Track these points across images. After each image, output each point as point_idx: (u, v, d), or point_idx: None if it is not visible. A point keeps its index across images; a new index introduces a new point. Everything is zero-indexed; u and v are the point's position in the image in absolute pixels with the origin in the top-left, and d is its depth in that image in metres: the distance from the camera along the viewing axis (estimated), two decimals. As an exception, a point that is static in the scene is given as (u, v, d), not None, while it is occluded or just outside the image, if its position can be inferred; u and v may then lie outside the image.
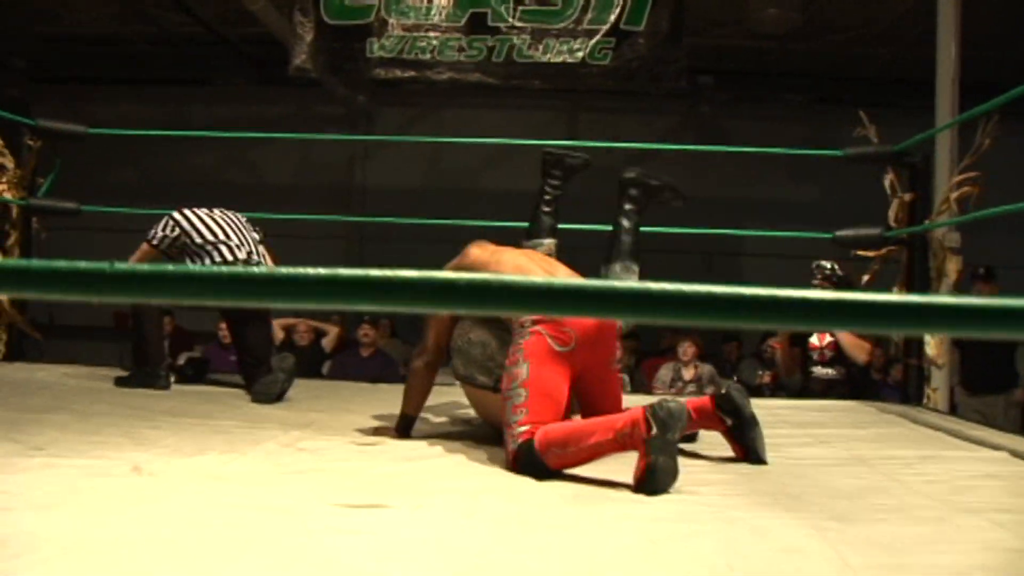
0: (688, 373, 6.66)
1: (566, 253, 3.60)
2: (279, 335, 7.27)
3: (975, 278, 5.37)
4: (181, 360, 6.65)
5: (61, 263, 0.73)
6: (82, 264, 0.72)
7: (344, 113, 10.45)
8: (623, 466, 2.61)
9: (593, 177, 3.80)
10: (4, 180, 4.97)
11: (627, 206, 3.26)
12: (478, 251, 3.21)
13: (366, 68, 6.25)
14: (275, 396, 3.94)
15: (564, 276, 3.10)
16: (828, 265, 4.82)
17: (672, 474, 2.48)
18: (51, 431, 2.94)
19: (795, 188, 10.07)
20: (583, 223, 5.85)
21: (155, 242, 4.33)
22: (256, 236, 4.55)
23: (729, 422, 3.02)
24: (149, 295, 0.78)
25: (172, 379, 4.28)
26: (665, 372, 6.70)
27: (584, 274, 3.16)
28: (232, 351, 6.26)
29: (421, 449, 3.01)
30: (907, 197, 4.54)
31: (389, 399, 4.20)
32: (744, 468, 2.91)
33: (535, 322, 2.84)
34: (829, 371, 4.85)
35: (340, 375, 6.56)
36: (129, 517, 1.97)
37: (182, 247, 4.32)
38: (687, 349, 6.60)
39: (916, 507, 2.36)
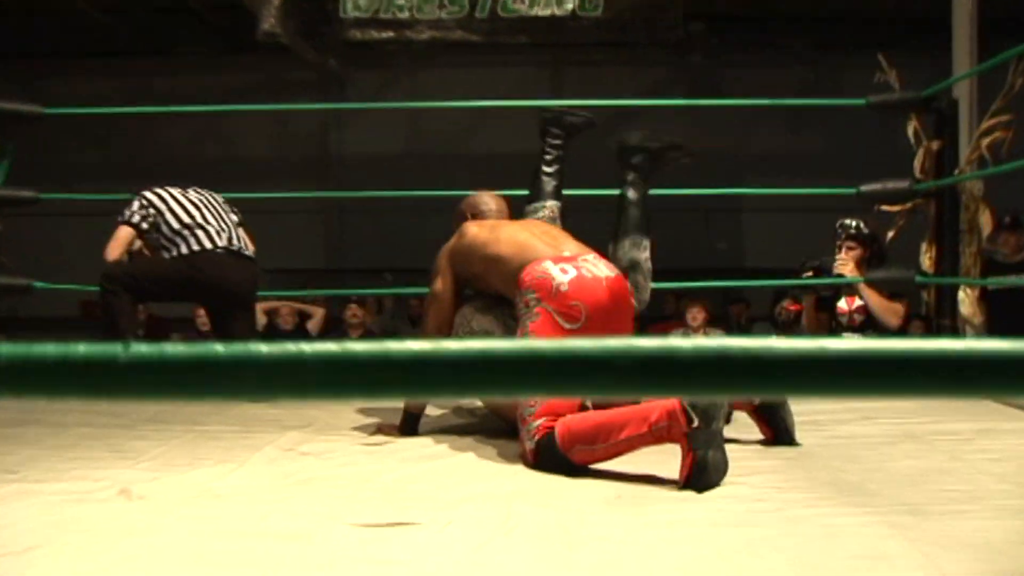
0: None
1: (570, 218, 3.43)
2: (261, 319, 7.07)
3: (1000, 228, 5.20)
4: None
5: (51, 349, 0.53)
6: (81, 349, 0.52)
7: (315, 79, 10.17)
8: (657, 456, 2.46)
9: (579, 135, 3.60)
10: (-48, 169, 4.72)
11: (630, 176, 3.10)
12: (475, 230, 3.02)
13: (340, 30, 6.03)
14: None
15: (570, 246, 2.92)
16: (853, 223, 4.63)
17: (723, 468, 2.33)
18: (24, 448, 2.75)
19: (795, 140, 9.89)
20: (573, 187, 5.66)
21: (134, 221, 4.10)
22: (235, 218, 4.34)
23: (757, 400, 2.86)
24: (190, 393, 0.59)
25: None
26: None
27: (588, 241, 2.99)
28: (209, 338, 6.09)
29: (431, 448, 2.85)
30: (935, 145, 4.37)
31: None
32: (787, 452, 2.76)
33: (540, 299, 2.69)
34: (860, 336, 4.67)
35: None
36: (121, 554, 1.79)
37: (156, 230, 4.10)
38: (696, 314, 6.45)
39: (993, 494, 2.21)
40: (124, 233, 4.12)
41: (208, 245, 4.06)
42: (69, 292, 6.19)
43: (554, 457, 2.50)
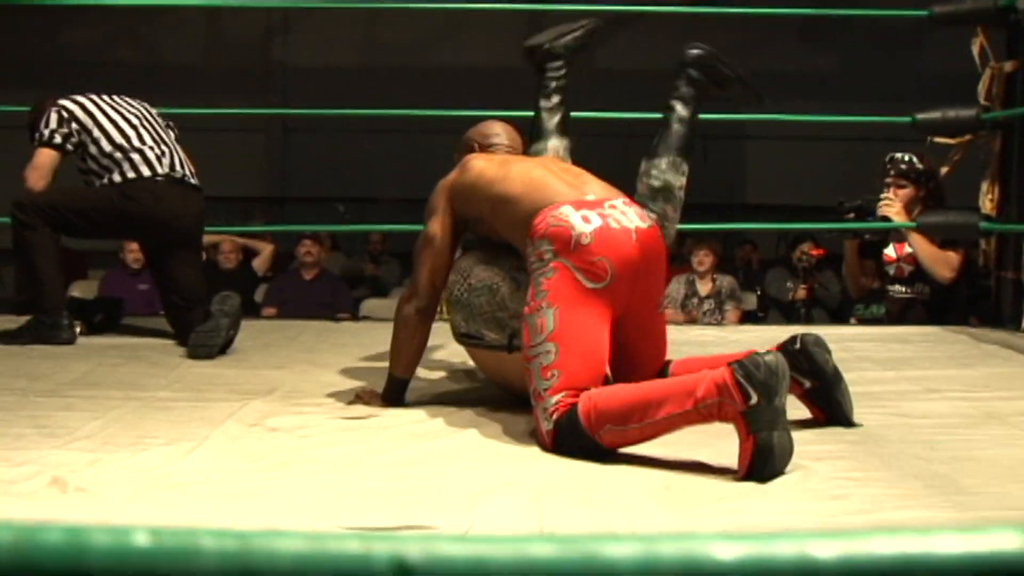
0: (704, 287, 6.37)
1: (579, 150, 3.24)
2: (197, 256, 6.85)
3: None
4: (75, 293, 6.21)
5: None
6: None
7: (257, -25, 9.83)
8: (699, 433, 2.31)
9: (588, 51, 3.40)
10: None
11: (685, 90, 2.92)
12: (482, 164, 2.82)
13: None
14: (218, 348, 3.54)
15: (595, 188, 2.72)
16: (905, 157, 4.44)
17: (789, 453, 2.17)
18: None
19: (808, 57, 9.71)
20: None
21: (56, 142, 3.82)
22: (172, 134, 4.08)
23: (808, 384, 2.69)
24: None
25: (77, 329, 3.84)
26: (676, 287, 6.39)
27: (614, 178, 2.82)
28: (143, 278, 5.85)
29: (426, 423, 2.67)
30: (1007, 67, 4.20)
31: (361, 341, 3.89)
32: (849, 433, 2.60)
33: (556, 253, 2.50)
34: (908, 289, 4.53)
35: (279, 303, 6.17)
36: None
37: (83, 151, 3.84)
38: (703, 258, 6.31)
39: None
40: (45, 157, 3.84)
41: (146, 172, 3.81)
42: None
43: (578, 439, 2.33)
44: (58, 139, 3.82)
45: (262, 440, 2.45)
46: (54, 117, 3.85)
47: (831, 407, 2.69)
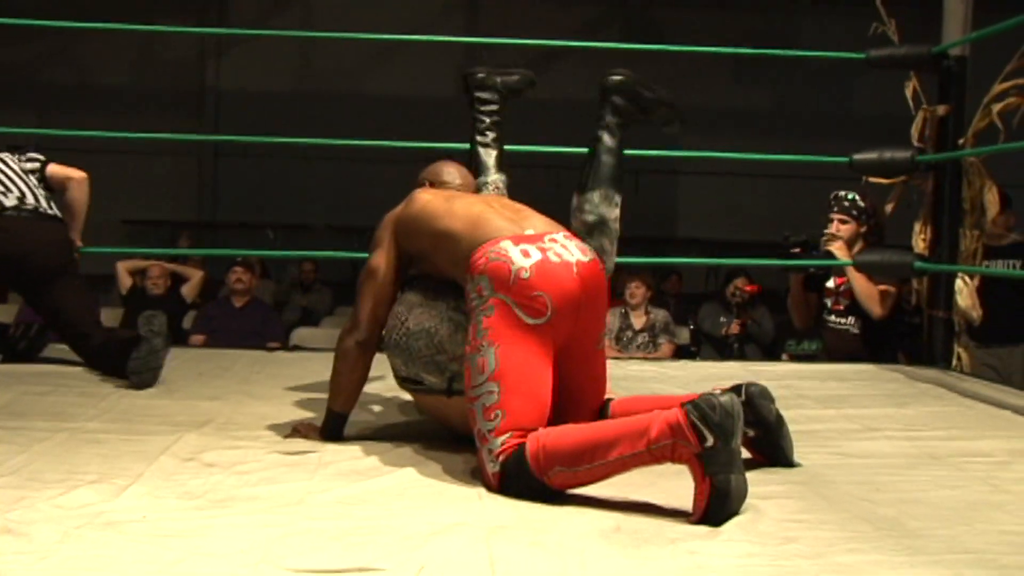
0: (638, 320, 6.37)
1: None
2: (125, 282, 6.70)
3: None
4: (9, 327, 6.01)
5: None
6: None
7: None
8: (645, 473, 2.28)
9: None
10: None
11: (610, 118, 2.93)
12: (427, 197, 2.80)
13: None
14: (156, 373, 3.43)
15: (536, 223, 2.69)
16: (848, 196, 4.52)
17: (744, 494, 2.16)
18: None
19: (742, 94, 9.81)
20: (463, 138, 5.37)
21: None
22: (30, 166, 3.93)
23: (752, 433, 2.64)
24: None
25: None
26: (611, 319, 6.37)
27: (547, 210, 2.79)
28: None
29: (365, 459, 2.60)
30: (941, 110, 4.26)
31: (295, 372, 3.82)
32: (796, 475, 2.58)
33: (495, 289, 2.44)
34: (843, 321, 4.60)
35: (209, 331, 6.03)
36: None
37: None
38: (635, 290, 6.31)
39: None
40: None
41: None
42: None
43: (525, 481, 2.28)
44: None
45: (199, 476, 2.36)
46: None
47: (774, 453, 2.68)
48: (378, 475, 2.44)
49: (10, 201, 3.71)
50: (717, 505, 2.09)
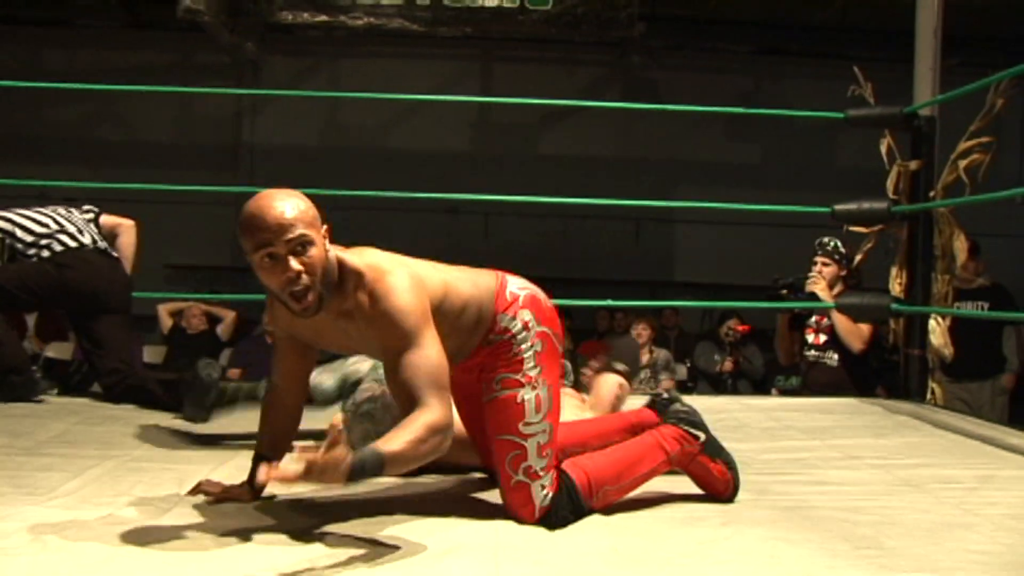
0: (641, 359, 6.38)
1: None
2: (167, 322, 6.75)
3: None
4: (49, 353, 6.07)
5: None
6: None
7: (227, 62, 9.80)
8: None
9: (509, 135, 3.43)
10: None
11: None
12: (416, 273, 2.21)
13: (268, 11, 5.74)
14: (210, 411, 3.46)
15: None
16: (830, 241, 4.59)
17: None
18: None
19: (733, 149, 9.86)
20: (499, 191, 5.44)
21: None
22: (90, 215, 4.10)
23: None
24: None
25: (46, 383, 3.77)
26: (612, 357, 6.41)
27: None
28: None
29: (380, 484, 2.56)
30: (913, 165, 4.30)
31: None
32: (783, 500, 2.58)
33: (539, 321, 2.30)
34: (822, 355, 4.64)
35: (244, 364, 6.08)
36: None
37: (11, 250, 3.87)
38: (641, 331, 6.32)
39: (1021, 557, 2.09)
40: None
41: (72, 244, 3.84)
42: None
43: (573, 507, 2.25)
44: None
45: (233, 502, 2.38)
46: None
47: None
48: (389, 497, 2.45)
49: (87, 240, 3.88)
50: (736, 474, 2.50)
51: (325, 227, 2.10)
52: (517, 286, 2.36)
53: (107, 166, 8.88)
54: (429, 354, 2.07)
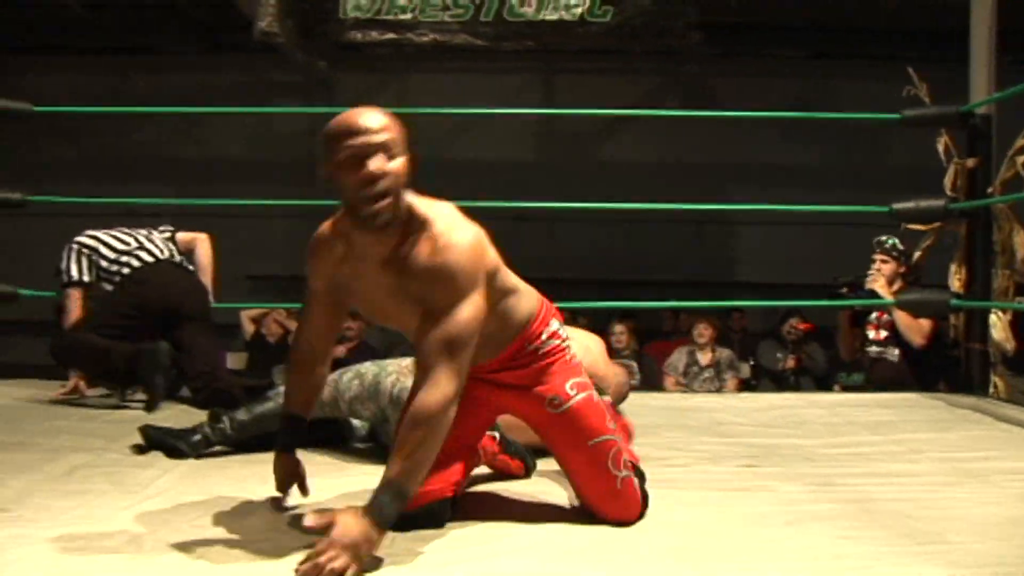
0: (704, 358, 6.33)
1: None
2: (248, 328, 6.85)
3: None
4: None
5: None
6: None
7: (301, 81, 9.93)
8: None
9: (572, 144, 3.40)
10: (-67, 167, 4.46)
11: None
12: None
13: (338, 31, 5.80)
14: None
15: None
16: (888, 240, 4.52)
17: None
18: (15, 478, 2.50)
19: (790, 151, 9.73)
20: (563, 198, 5.43)
21: (77, 279, 4.03)
22: (168, 232, 4.24)
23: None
24: None
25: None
26: (678, 357, 6.36)
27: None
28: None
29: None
30: (969, 163, 4.21)
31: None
32: (845, 494, 2.54)
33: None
34: (884, 351, 4.57)
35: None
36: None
37: (96, 269, 4.02)
38: (703, 331, 6.27)
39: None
40: (74, 297, 4.03)
41: (149, 259, 3.98)
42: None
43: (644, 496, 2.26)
44: (74, 274, 4.03)
45: (310, 502, 2.38)
46: (69, 255, 4.06)
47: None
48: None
49: (164, 255, 4.03)
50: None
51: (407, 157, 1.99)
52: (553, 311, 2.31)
53: (189, 183, 9.03)
54: (465, 319, 1.94)
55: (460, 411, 1.97)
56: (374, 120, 1.96)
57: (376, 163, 1.92)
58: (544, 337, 2.21)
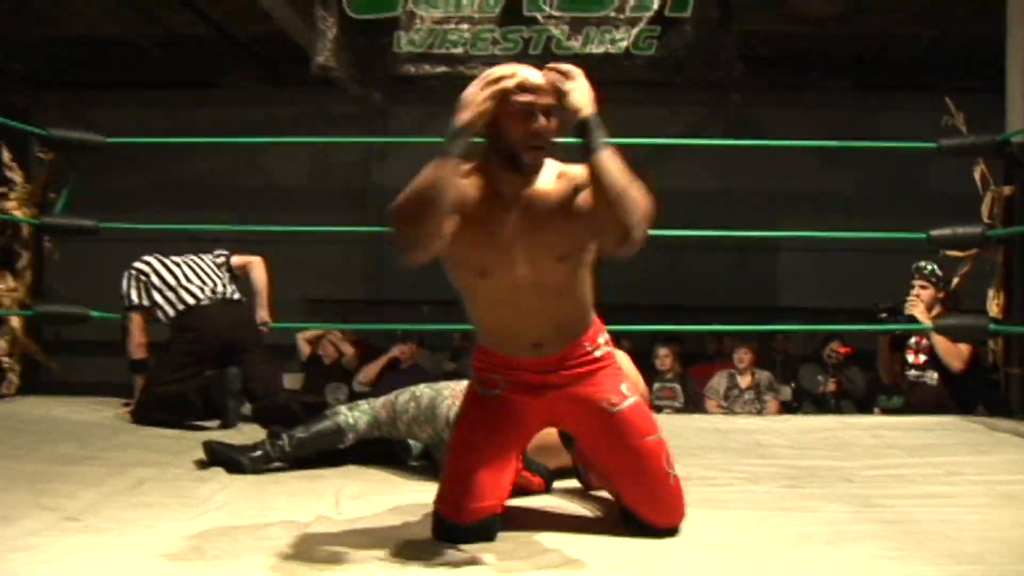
0: (744, 381, 6.28)
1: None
2: (305, 350, 6.92)
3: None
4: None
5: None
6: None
7: (357, 112, 10.04)
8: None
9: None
10: (13, 197, 4.57)
11: None
12: None
13: (393, 64, 5.86)
14: None
15: None
16: (927, 265, 4.47)
17: None
18: (85, 491, 2.56)
19: (830, 179, 9.65)
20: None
21: (137, 303, 4.13)
22: (220, 260, 4.28)
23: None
24: None
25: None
26: (719, 380, 6.32)
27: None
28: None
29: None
30: (1006, 191, 4.17)
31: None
32: (885, 514, 2.51)
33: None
34: (923, 374, 4.52)
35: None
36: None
37: (149, 296, 4.10)
38: (743, 355, 6.23)
39: None
40: (136, 322, 4.13)
41: (192, 301, 4.03)
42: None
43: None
44: (135, 298, 4.11)
45: (366, 516, 2.41)
46: (129, 280, 4.16)
47: None
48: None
49: (206, 292, 4.06)
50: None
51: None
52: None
53: (250, 210, 9.16)
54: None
55: (509, 429, 2.15)
56: (545, 81, 2.17)
57: (544, 120, 2.14)
58: (601, 342, 2.31)
